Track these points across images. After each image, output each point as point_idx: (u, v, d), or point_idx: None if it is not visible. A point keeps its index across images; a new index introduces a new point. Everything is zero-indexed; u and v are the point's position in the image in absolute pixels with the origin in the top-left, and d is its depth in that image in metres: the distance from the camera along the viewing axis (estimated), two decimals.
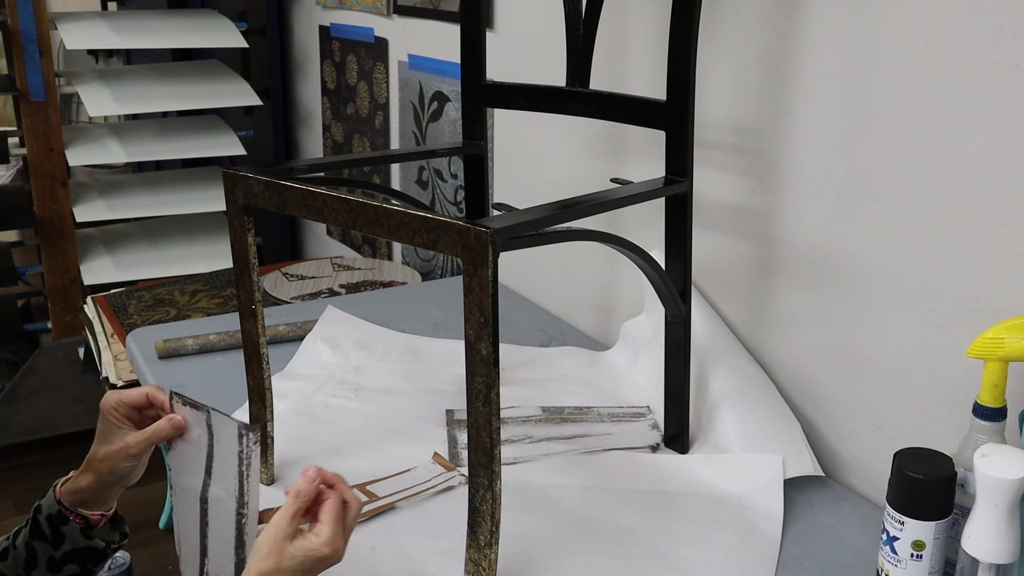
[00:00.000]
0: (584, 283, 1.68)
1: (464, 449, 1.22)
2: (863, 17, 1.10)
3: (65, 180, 2.57)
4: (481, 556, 0.92)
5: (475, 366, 0.88)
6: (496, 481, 0.90)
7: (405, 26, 2.17)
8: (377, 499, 1.11)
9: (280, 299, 2.05)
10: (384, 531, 1.06)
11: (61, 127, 2.49)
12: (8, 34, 2.34)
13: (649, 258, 1.09)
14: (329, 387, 1.41)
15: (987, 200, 1.00)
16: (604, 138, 1.56)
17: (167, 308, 2.15)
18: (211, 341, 1.51)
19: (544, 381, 1.44)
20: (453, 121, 2.02)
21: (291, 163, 1.26)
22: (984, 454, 0.83)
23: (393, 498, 1.12)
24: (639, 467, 1.20)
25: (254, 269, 1.11)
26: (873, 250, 1.13)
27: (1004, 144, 0.97)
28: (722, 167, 1.32)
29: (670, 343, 1.21)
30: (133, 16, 2.73)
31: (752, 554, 1.03)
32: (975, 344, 0.89)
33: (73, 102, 4.20)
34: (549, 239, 0.99)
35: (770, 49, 1.22)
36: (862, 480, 1.19)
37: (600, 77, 1.35)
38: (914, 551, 0.89)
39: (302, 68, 2.82)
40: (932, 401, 1.09)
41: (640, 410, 1.34)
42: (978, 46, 0.98)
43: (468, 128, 1.41)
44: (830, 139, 1.16)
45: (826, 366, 1.22)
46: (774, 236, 1.27)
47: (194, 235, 2.66)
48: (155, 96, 2.55)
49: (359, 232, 1.46)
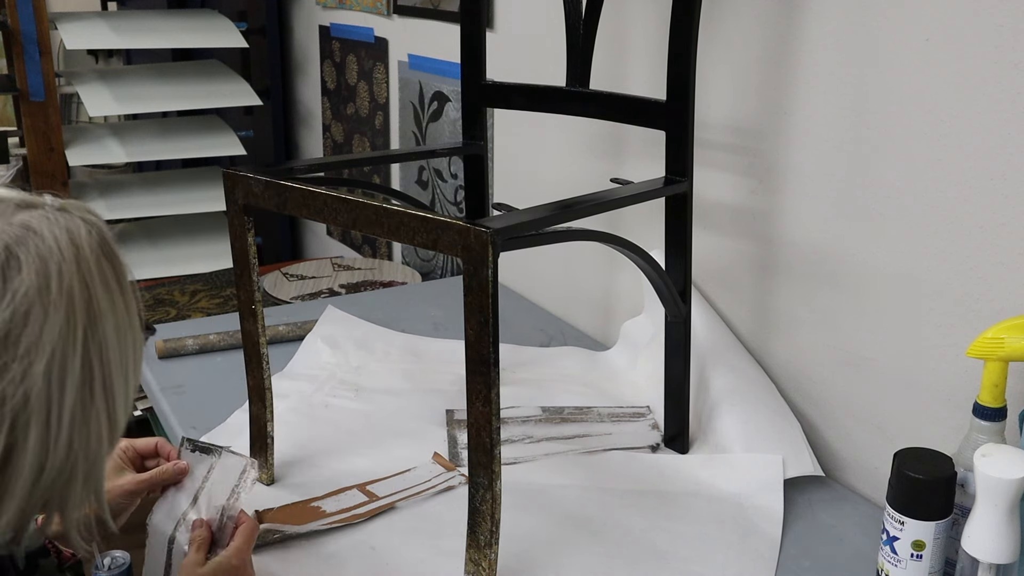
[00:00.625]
0: (584, 283, 1.68)
1: (464, 449, 1.22)
2: (863, 17, 1.10)
3: (65, 180, 2.56)
4: (481, 556, 0.92)
5: (475, 366, 0.88)
6: (496, 481, 0.90)
7: (405, 26, 2.17)
8: (377, 499, 1.11)
9: (280, 299, 2.05)
10: (384, 531, 1.06)
11: (61, 127, 2.48)
12: (8, 34, 2.34)
13: (649, 258, 1.09)
14: (329, 387, 1.41)
15: (987, 200, 1.00)
16: (604, 138, 1.56)
17: (167, 308, 2.16)
18: (211, 341, 1.51)
19: (544, 381, 1.44)
20: (453, 121, 2.02)
21: (291, 163, 1.26)
22: (984, 454, 0.83)
23: (393, 498, 1.12)
24: (639, 467, 1.20)
25: (254, 269, 1.11)
26: (873, 250, 1.13)
27: (1004, 144, 0.97)
28: (722, 167, 1.32)
29: (670, 343, 1.21)
30: (133, 16, 2.73)
31: (752, 554, 1.03)
32: (975, 344, 0.89)
33: (73, 102, 4.19)
34: (549, 239, 0.99)
35: (770, 49, 1.22)
36: (862, 480, 1.19)
37: (600, 77, 1.35)
38: (914, 551, 0.89)
39: (302, 68, 2.82)
40: (932, 401, 1.09)
41: (640, 410, 1.34)
42: (978, 46, 0.98)
43: (468, 128, 1.41)
44: (830, 139, 1.16)
45: (826, 366, 1.22)
46: (774, 236, 1.27)
47: (194, 235, 2.66)
48: (155, 96, 2.55)
49: (359, 232, 1.46)
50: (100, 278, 0.70)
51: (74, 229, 0.69)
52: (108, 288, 0.70)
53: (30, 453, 0.66)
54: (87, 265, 0.69)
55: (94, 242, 0.70)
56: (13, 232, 0.66)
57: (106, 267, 0.71)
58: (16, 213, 0.68)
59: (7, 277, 0.65)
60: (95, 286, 0.69)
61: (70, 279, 0.67)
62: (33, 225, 0.67)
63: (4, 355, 0.64)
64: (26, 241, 0.66)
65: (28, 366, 0.65)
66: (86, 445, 0.69)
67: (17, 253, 0.66)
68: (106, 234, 0.73)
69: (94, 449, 0.70)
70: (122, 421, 0.73)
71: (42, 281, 0.66)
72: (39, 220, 0.68)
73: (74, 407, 0.67)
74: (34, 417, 0.65)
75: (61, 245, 0.67)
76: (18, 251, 0.66)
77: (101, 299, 0.69)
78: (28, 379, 0.65)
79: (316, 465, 1.20)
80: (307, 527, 1.05)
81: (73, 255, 0.68)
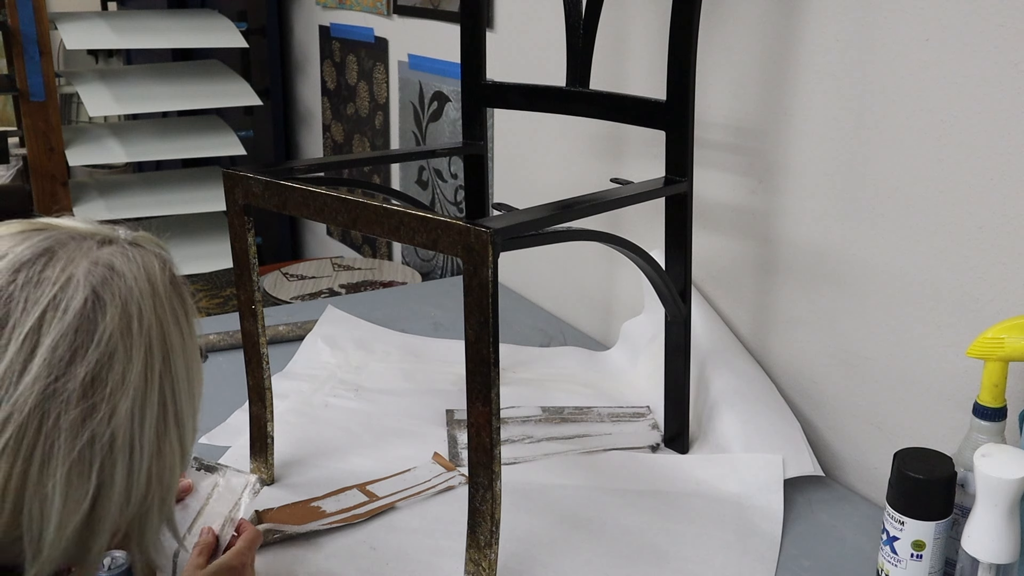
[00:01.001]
0: (584, 283, 1.68)
1: (464, 449, 1.22)
2: (863, 17, 1.10)
3: (65, 180, 2.56)
4: (481, 556, 0.92)
5: (475, 366, 0.88)
6: (496, 481, 0.90)
7: (405, 26, 2.17)
8: (377, 499, 1.11)
9: (280, 299, 2.05)
10: (384, 531, 1.06)
11: (61, 127, 2.48)
12: (8, 34, 2.34)
13: (649, 258, 1.09)
14: (329, 387, 1.41)
15: (987, 200, 1.00)
16: (604, 138, 1.56)
17: None
18: (211, 341, 1.51)
19: (544, 381, 1.45)
20: (453, 121, 2.02)
21: (291, 163, 1.26)
22: (984, 454, 0.83)
23: (393, 498, 1.12)
24: (639, 467, 1.20)
25: (254, 269, 1.11)
26: (873, 250, 1.13)
27: (1004, 144, 0.97)
28: (722, 167, 1.32)
29: (670, 343, 1.21)
30: (133, 16, 2.73)
31: (752, 554, 1.03)
32: (975, 344, 0.89)
33: (73, 102, 4.19)
34: (549, 239, 0.99)
35: (770, 49, 1.22)
36: (862, 480, 1.19)
37: (600, 77, 1.35)
38: (914, 551, 0.89)
39: (302, 68, 2.82)
40: (932, 401, 1.09)
41: (640, 410, 1.34)
42: (978, 46, 0.98)
43: (468, 128, 1.41)
44: (830, 139, 1.16)
45: (826, 366, 1.22)
46: (774, 236, 1.27)
47: (194, 235, 2.66)
48: (155, 96, 2.55)
49: (359, 232, 1.46)
50: (172, 315, 0.71)
51: (149, 266, 0.71)
52: (179, 324, 0.72)
53: (117, 490, 0.67)
54: (161, 302, 0.70)
55: (167, 279, 0.72)
56: (99, 274, 0.67)
57: (176, 303, 0.73)
58: (97, 250, 0.69)
59: (95, 321, 0.65)
60: (168, 323, 0.71)
61: (149, 319, 0.69)
62: (116, 265, 0.69)
63: (93, 397, 0.65)
64: (110, 282, 0.67)
65: (114, 407, 0.66)
66: (161, 476, 0.71)
67: (103, 296, 0.67)
68: (174, 268, 0.75)
69: (167, 479, 0.72)
70: (190, 449, 0.75)
71: (124, 323, 0.67)
72: (120, 259, 0.69)
73: (152, 441, 0.69)
74: (119, 455, 0.67)
75: (140, 285, 0.69)
76: (103, 294, 0.67)
77: (173, 335, 0.71)
78: (115, 419, 0.66)
79: (316, 465, 1.20)
80: (307, 527, 1.05)
81: (150, 293, 0.69)
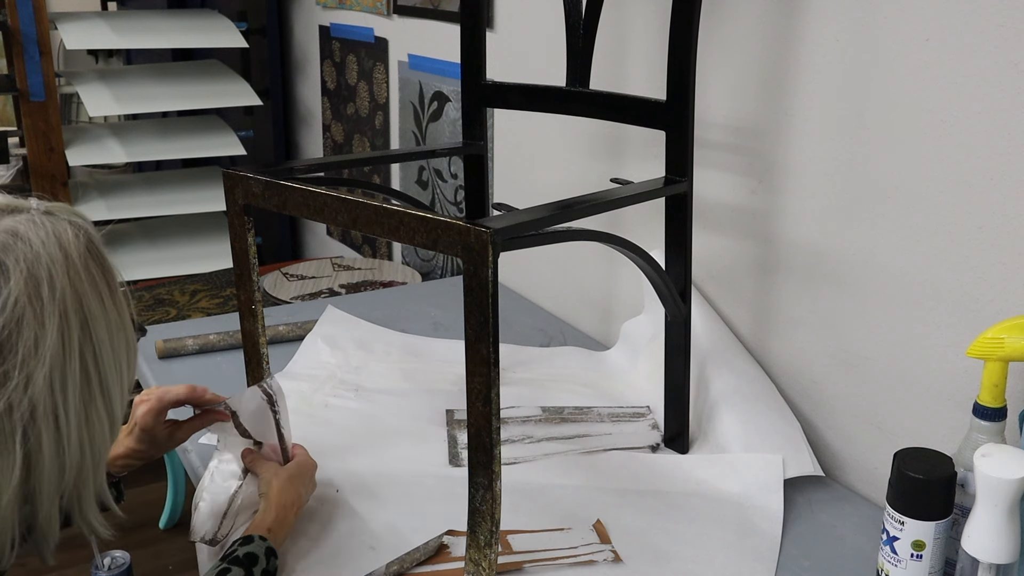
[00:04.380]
0: (584, 283, 1.68)
1: (464, 449, 1.22)
2: (863, 17, 1.10)
3: (65, 180, 2.56)
4: (481, 556, 0.92)
5: (475, 366, 0.88)
6: (496, 481, 0.90)
7: (405, 26, 2.17)
8: (511, 553, 1.01)
9: (280, 299, 2.05)
10: (384, 531, 1.06)
11: (61, 127, 2.48)
12: (8, 34, 2.34)
13: (649, 258, 1.09)
14: (329, 387, 1.41)
15: (987, 200, 1.00)
16: (604, 138, 1.55)
17: (167, 308, 2.15)
18: (211, 341, 1.51)
19: (544, 381, 1.44)
20: (453, 121, 2.02)
21: (291, 163, 1.26)
22: (984, 454, 0.83)
23: (526, 557, 1.00)
24: (639, 467, 1.20)
25: (254, 269, 1.11)
26: (873, 250, 1.13)
27: (1004, 144, 0.97)
28: (722, 167, 1.32)
29: (670, 343, 1.21)
30: (133, 16, 2.73)
31: (752, 554, 1.03)
32: (975, 344, 0.89)
33: (73, 102, 4.19)
34: (549, 239, 0.99)
35: (770, 49, 1.22)
36: (862, 480, 1.19)
37: (600, 77, 1.35)
38: (914, 551, 0.89)
39: (302, 68, 2.82)
40: (932, 401, 1.09)
41: (640, 410, 1.34)
42: (978, 46, 0.98)
43: (468, 128, 1.41)
44: (830, 139, 1.16)
45: (826, 366, 1.22)
46: (774, 236, 1.27)
47: (194, 235, 2.66)
48: (155, 96, 2.55)
49: (359, 232, 1.46)
50: (89, 281, 0.70)
51: (61, 233, 0.69)
52: (98, 290, 0.71)
53: (46, 458, 0.67)
54: (76, 268, 0.69)
55: (81, 245, 0.71)
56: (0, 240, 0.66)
57: (95, 269, 0.71)
58: (1, 219, 0.68)
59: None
60: (85, 290, 0.69)
61: (62, 284, 0.67)
62: (20, 231, 0.67)
63: (3, 364, 0.64)
64: (13, 247, 0.66)
65: (29, 374, 0.65)
66: (92, 443, 0.71)
67: (5, 261, 0.65)
68: (93, 236, 0.73)
69: (99, 446, 0.72)
70: (120, 418, 0.74)
71: (32, 288, 0.66)
72: (25, 225, 0.68)
73: (78, 410, 0.68)
74: (43, 424, 0.66)
75: (49, 250, 0.67)
76: (5, 258, 0.65)
77: (92, 302, 0.70)
78: (31, 387, 0.65)
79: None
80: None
81: (62, 259, 0.68)
